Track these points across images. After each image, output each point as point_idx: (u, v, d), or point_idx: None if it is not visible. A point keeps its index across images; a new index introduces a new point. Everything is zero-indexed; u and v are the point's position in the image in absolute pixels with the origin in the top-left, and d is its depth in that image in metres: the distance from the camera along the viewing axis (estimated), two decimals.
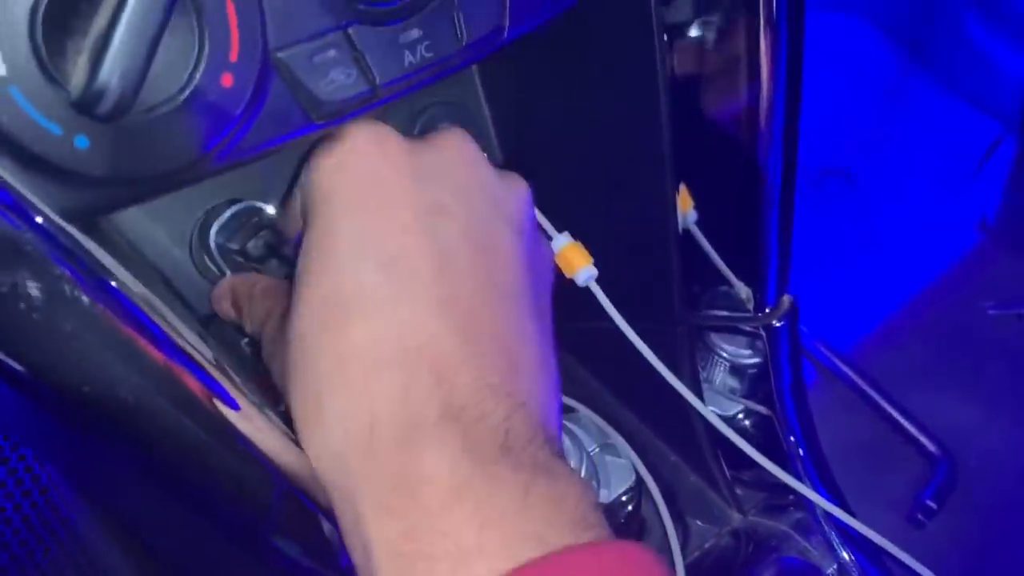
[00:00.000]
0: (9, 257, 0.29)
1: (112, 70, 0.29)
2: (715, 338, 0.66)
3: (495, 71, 0.62)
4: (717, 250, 0.60)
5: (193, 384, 0.32)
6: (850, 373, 1.22)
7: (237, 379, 0.37)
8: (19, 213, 0.29)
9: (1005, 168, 1.41)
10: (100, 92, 0.29)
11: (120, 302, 0.31)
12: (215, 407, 0.33)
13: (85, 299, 0.30)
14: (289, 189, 0.45)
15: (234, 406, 0.34)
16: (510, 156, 0.65)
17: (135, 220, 0.52)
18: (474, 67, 0.63)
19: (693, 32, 0.51)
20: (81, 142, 0.31)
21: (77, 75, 0.30)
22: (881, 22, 1.53)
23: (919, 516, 1.05)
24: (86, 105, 0.30)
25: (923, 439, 1.14)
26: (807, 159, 1.51)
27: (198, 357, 0.33)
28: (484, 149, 0.62)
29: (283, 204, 0.48)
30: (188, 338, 0.34)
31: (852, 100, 1.54)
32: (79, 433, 0.39)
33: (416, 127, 0.60)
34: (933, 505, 1.05)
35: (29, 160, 0.31)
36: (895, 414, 1.17)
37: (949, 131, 1.46)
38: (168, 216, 0.52)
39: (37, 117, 0.30)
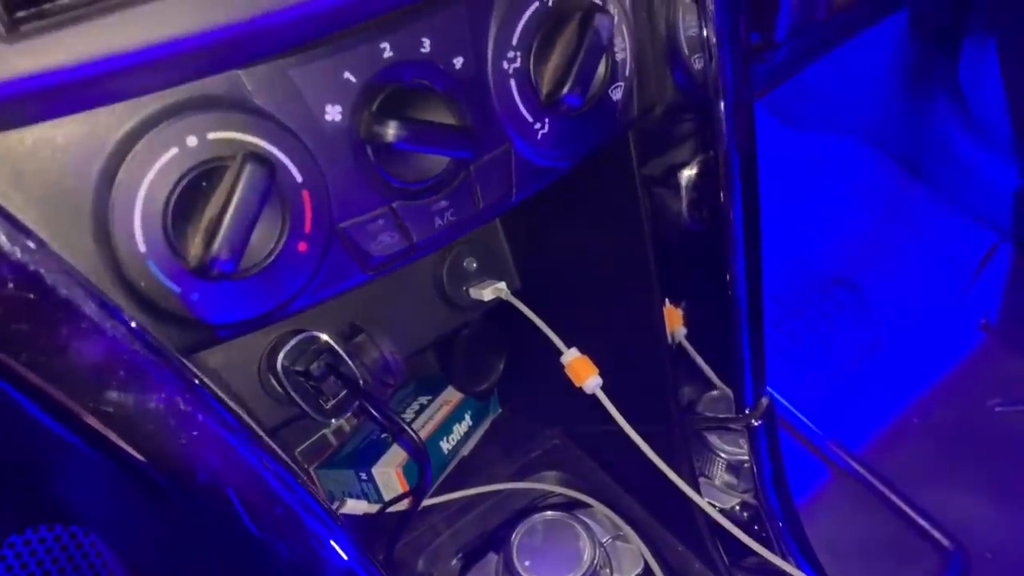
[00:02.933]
0: (144, 381, 0.39)
1: (221, 246, 0.40)
2: (714, 440, 0.74)
3: (513, 215, 0.73)
4: (708, 361, 0.70)
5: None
6: (863, 472, 1.28)
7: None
8: (149, 347, 0.40)
9: (1002, 272, 1.49)
10: (211, 261, 0.40)
11: (223, 415, 0.41)
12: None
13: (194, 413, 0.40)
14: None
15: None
16: (526, 283, 0.76)
17: (214, 350, 0.62)
18: None
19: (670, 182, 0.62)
20: (194, 297, 0.42)
21: (195, 249, 0.41)
22: (878, 141, 1.64)
23: None
24: (202, 270, 0.41)
25: (936, 534, 1.19)
26: (815, 269, 1.59)
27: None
28: (505, 277, 0.74)
29: None
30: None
31: (855, 214, 1.65)
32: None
33: (445, 264, 0.71)
34: None
35: (156, 311, 0.42)
36: (908, 511, 1.22)
37: (947, 240, 1.55)
38: (241, 346, 0.63)
39: (164, 280, 0.41)
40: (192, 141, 0.40)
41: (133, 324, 0.40)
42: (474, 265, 0.73)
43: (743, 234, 0.56)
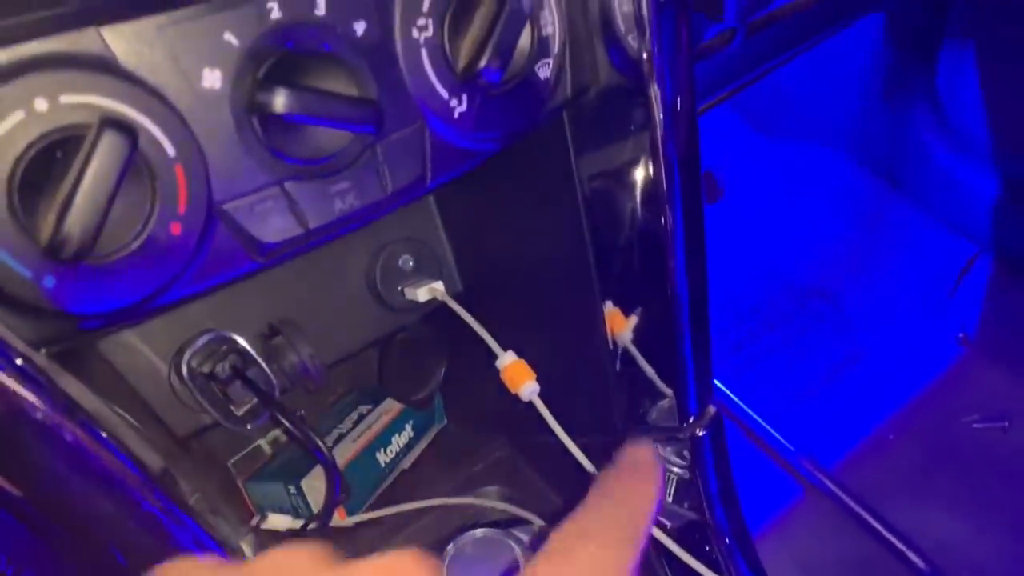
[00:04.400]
0: None
1: (74, 222, 0.36)
2: (665, 453, 0.69)
3: (453, 210, 0.69)
4: (657, 369, 0.65)
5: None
6: (837, 490, 1.24)
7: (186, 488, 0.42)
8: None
9: (981, 285, 1.45)
10: (63, 240, 0.36)
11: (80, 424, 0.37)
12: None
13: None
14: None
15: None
16: (467, 284, 0.71)
17: (120, 349, 0.58)
18: (434, 207, 0.70)
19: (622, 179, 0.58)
20: (48, 282, 0.37)
21: (45, 228, 0.36)
22: (855, 150, 1.61)
23: None
24: (52, 251, 0.36)
25: (911, 554, 1.14)
26: (791, 280, 1.56)
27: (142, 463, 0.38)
28: (444, 277, 0.69)
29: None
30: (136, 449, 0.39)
31: (832, 224, 1.61)
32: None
33: (379, 262, 0.66)
34: None
35: (4, 299, 0.37)
36: (883, 530, 1.18)
37: (926, 252, 1.52)
38: (149, 346, 0.58)
39: (11, 262, 0.36)
40: (42, 105, 0.35)
41: None
42: (411, 264, 0.68)
43: (682, 227, 0.52)
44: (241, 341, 0.58)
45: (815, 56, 1.37)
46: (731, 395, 1.37)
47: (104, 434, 0.38)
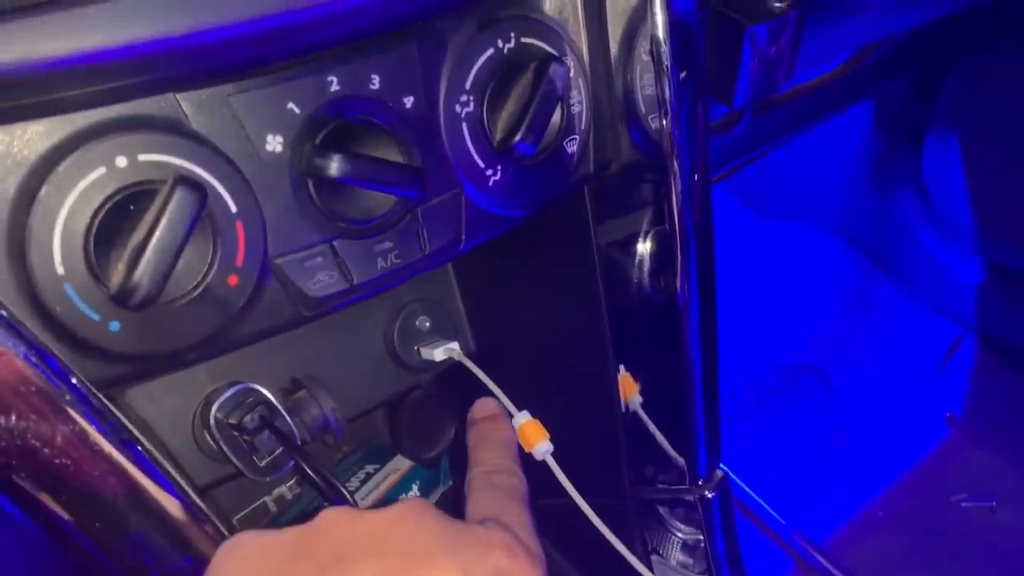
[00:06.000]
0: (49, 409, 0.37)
1: (143, 271, 0.38)
2: (670, 517, 0.71)
3: (469, 274, 0.72)
4: (664, 432, 0.67)
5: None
6: (827, 564, 1.25)
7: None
8: (62, 377, 0.37)
9: (967, 366, 1.49)
10: (133, 288, 0.38)
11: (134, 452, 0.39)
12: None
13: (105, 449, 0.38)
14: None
15: None
16: (481, 345, 0.73)
17: (145, 399, 0.59)
18: (451, 271, 0.73)
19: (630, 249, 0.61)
20: (114, 326, 0.39)
21: (115, 275, 0.39)
22: (843, 232, 1.66)
23: None
24: (121, 297, 0.39)
25: None
26: (782, 357, 1.59)
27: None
28: (459, 338, 0.71)
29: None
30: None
31: (821, 304, 1.65)
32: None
33: (397, 322, 0.69)
34: None
35: (73, 340, 0.39)
36: None
37: (912, 332, 1.56)
38: (175, 396, 0.60)
39: (81, 305, 0.39)
40: (122, 162, 0.38)
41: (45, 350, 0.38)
42: (427, 324, 0.71)
43: (697, 292, 0.55)
44: (267, 393, 0.60)
45: (806, 140, 1.43)
46: (723, 467, 1.39)
47: (157, 467, 0.40)
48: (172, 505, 0.42)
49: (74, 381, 0.38)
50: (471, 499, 0.48)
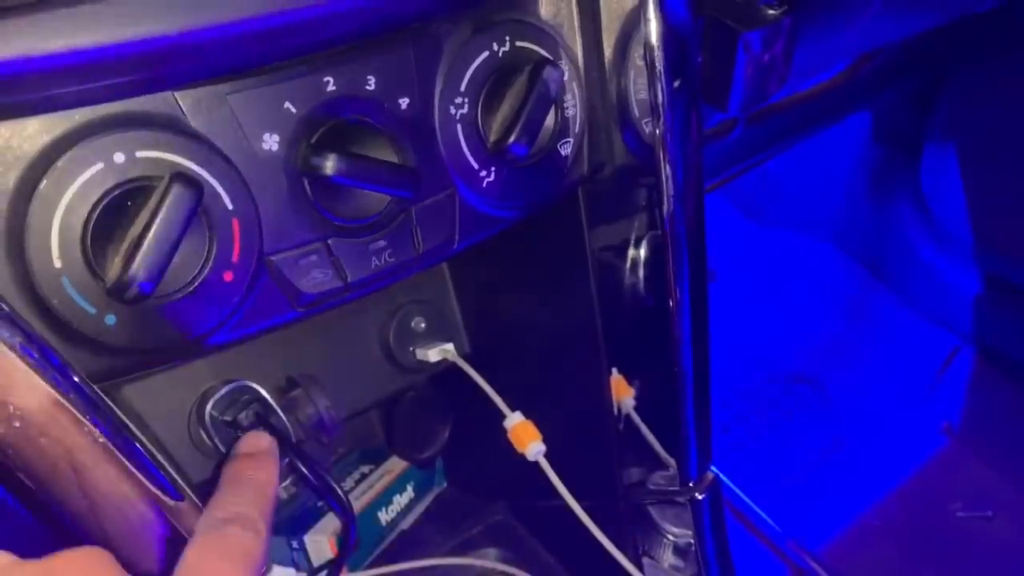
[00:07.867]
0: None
1: (140, 267, 0.39)
2: (661, 520, 0.72)
3: (465, 276, 0.72)
4: (656, 435, 0.68)
5: None
6: (822, 572, 1.25)
7: None
8: (59, 370, 0.38)
9: (964, 376, 1.49)
10: (129, 281, 0.39)
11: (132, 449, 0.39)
12: None
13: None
14: None
15: None
16: (476, 347, 0.74)
17: (141, 395, 0.60)
18: (447, 273, 0.74)
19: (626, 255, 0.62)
20: (110, 320, 0.40)
21: (112, 269, 0.40)
22: (841, 242, 1.67)
23: None
24: (117, 291, 0.39)
25: None
26: (778, 366, 1.59)
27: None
28: (454, 340, 0.72)
29: None
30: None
31: (818, 314, 1.66)
32: None
33: (393, 323, 0.69)
34: None
35: (70, 332, 0.40)
36: None
37: (909, 342, 1.56)
38: (171, 393, 0.61)
39: (78, 299, 0.39)
40: (120, 157, 0.39)
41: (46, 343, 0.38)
42: (423, 325, 0.71)
43: (689, 296, 0.55)
44: (262, 391, 0.60)
45: (804, 150, 1.44)
46: (720, 474, 1.39)
47: (153, 463, 0.40)
48: (167, 501, 0.42)
49: (71, 373, 0.38)
50: (188, 549, 0.39)
